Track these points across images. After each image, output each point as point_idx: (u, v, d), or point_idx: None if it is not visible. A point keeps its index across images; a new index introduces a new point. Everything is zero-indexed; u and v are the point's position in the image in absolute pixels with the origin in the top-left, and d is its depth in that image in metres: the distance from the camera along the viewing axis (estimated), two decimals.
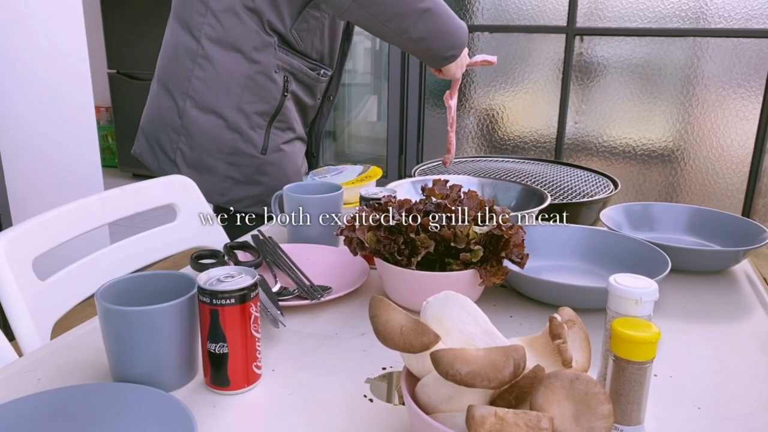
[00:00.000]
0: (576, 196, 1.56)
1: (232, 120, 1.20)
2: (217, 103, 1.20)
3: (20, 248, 0.81)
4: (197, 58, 1.19)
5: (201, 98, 1.20)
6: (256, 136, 1.22)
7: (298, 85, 1.25)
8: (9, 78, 2.17)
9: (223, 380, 0.60)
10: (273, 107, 1.22)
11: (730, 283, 0.90)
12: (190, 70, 1.20)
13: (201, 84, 1.20)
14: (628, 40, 2.92)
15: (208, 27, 1.18)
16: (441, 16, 1.15)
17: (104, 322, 0.59)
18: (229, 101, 1.19)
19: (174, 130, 1.24)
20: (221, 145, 1.21)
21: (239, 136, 1.21)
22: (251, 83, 1.19)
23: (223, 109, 1.20)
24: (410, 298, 0.76)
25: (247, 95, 1.20)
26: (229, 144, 1.21)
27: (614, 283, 0.55)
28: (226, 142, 1.21)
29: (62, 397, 0.55)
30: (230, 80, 1.19)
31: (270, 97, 1.21)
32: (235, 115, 1.20)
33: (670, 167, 2.99)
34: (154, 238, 1.05)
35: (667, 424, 0.57)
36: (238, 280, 0.59)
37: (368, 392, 0.61)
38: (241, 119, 1.20)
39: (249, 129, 1.21)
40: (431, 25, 1.14)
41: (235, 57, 1.18)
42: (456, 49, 1.20)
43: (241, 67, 1.18)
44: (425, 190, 0.84)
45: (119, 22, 3.93)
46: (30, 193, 2.30)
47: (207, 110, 1.20)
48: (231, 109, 1.20)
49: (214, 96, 1.20)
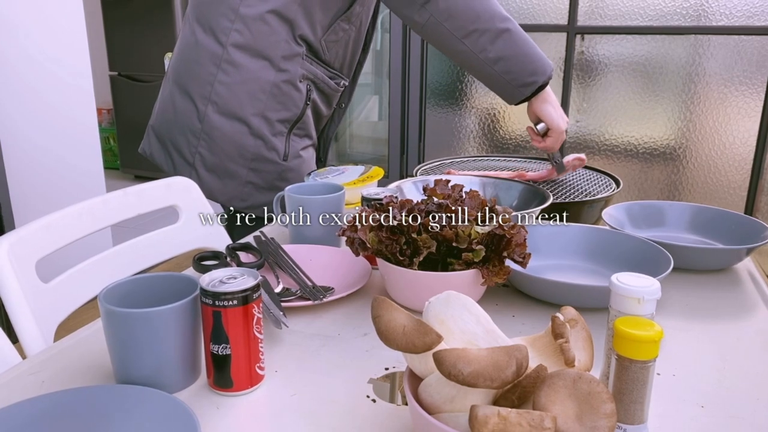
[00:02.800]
0: (578, 195, 1.56)
1: (255, 126, 1.20)
2: (241, 110, 1.19)
3: (23, 251, 0.81)
4: (222, 63, 1.18)
5: (224, 103, 1.20)
6: (278, 143, 1.23)
7: (318, 94, 1.26)
8: (11, 80, 2.17)
9: (226, 381, 0.60)
10: (295, 115, 1.23)
11: (733, 281, 0.90)
12: (213, 75, 1.19)
13: (225, 89, 1.19)
14: (629, 38, 2.91)
15: (236, 33, 1.17)
16: (521, 39, 1.14)
17: (107, 324, 0.59)
18: (254, 108, 1.19)
19: (193, 133, 1.23)
20: (244, 151, 1.21)
21: (263, 143, 1.21)
22: (277, 91, 1.19)
23: (247, 116, 1.20)
24: (412, 299, 0.76)
25: (272, 103, 1.20)
26: (252, 150, 1.21)
27: (616, 281, 0.55)
28: (248, 149, 1.21)
29: (66, 400, 0.55)
30: (256, 87, 1.19)
31: (293, 105, 1.22)
32: (259, 122, 1.20)
33: (672, 165, 2.99)
34: (156, 240, 1.05)
35: (670, 422, 0.57)
36: (240, 281, 0.59)
37: (371, 393, 0.61)
38: (264, 126, 1.21)
39: (272, 136, 1.22)
40: (510, 45, 1.13)
41: (263, 64, 1.18)
42: (538, 76, 1.17)
43: (268, 75, 1.18)
44: (427, 190, 0.84)
45: (120, 24, 3.93)
46: (33, 195, 2.30)
47: (230, 116, 1.20)
48: (255, 116, 1.20)
49: (238, 102, 1.19)
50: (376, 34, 3.55)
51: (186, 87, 1.23)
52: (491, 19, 1.12)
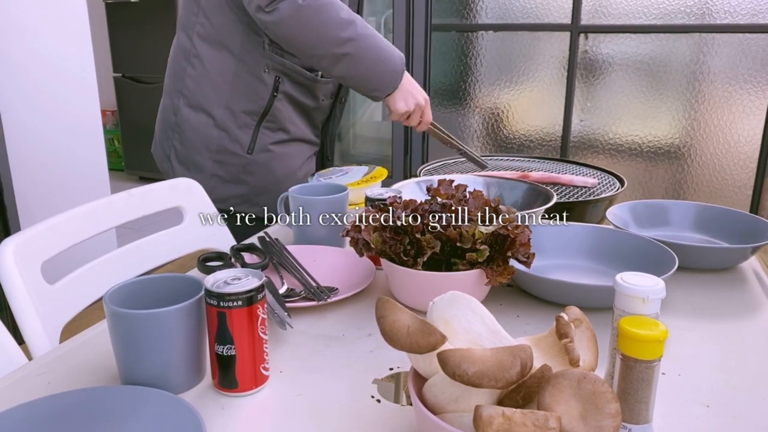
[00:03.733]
0: (582, 195, 1.56)
1: (219, 118, 1.22)
2: (206, 101, 1.21)
3: (29, 252, 0.82)
4: (190, 57, 1.21)
5: (192, 96, 1.22)
6: (243, 135, 1.23)
7: (294, 86, 1.24)
8: (16, 83, 2.18)
9: (231, 382, 0.60)
10: (261, 107, 1.22)
11: (738, 280, 0.90)
12: (183, 69, 1.23)
13: (193, 82, 1.21)
14: (633, 37, 2.91)
15: (200, 26, 1.19)
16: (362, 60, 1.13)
17: (112, 325, 0.59)
18: (218, 99, 1.21)
19: (170, 127, 1.26)
20: (209, 142, 1.23)
21: (226, 135, 1.22)
22: (239, 82, 1.20)
23: (211, 107, 1.21)
24: (416, 299, 0.76)
25: (235, 94, 1.20)
26: (216, 142, 1.23)
27: (621, 281, 0.55)
28: (213, 140, 1.23)
29: (71, 400, 0.55)
30: (219, 78, 1.20)
31: (258, 96, 1.21)
32: (223, 114, 1.21)
33: (677, 164, 2.98)
34: (160, 241, 1.05)
35: (675, 422, 0.57)
36: (244, 282, 0.59)
37: (375, 393, 0.61)
38: (228, 118, 1.21)
39: (236, 128, 1.22)
40: (350, 68, 1.13)
41: (224, 55, 1.19)
42: (379, 92, 1.19)
43: (230, 66, 1.19)
44: (430, 190, 0.84)
45: (124, 25, 3.94)
46: (38, 197, 2.31)
47: (197, 108, 1.22)
48: (219, 108, 1.21)
49: (203, 94, 1.21)
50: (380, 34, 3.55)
51: (167, 85, 1.28)
52: (330, 46, 1.10)
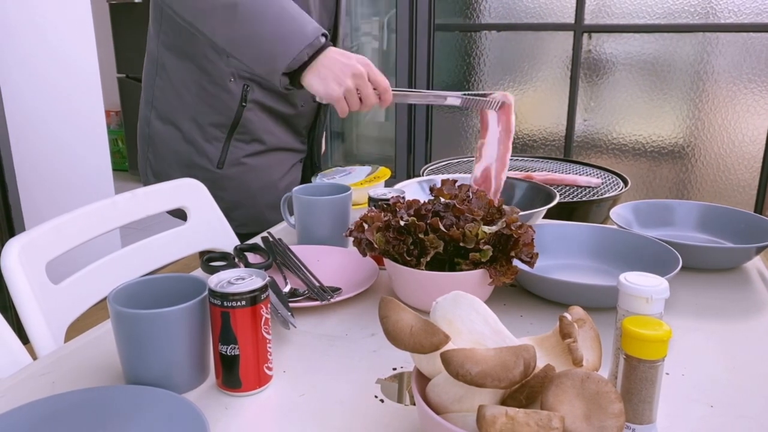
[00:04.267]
0: (586, 194, 1.56)
1: (187, 131, 1.15)
2: (174, 114, 1.15)
3: (34, 252, 0.82)
4: (158, 68, 1.14)
5: (161, 108, 1.16)
6: (211, 149, 1.15)
7: (265, 93, 1.14)
8: (20, 84, 2.19)
9: (234, 382, 0.60)
10: (230, 118, 1.13)
11: (742, 280, 0.90)
12: (153, 79, 1.16)
13: (161, 93, 1.15)
14: (636, 37, 2.90)
15: (164, 34, 1.12)
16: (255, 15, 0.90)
17: (116, 325, 0.59)
18: (184, 112, 1.14)
19: (144, 140, 1.21)
20: (178, 156, 1.17)
21: (194, 149, 1.15)
22: (203, 93, 1.12)
23: (179, 120, 1.15)
24: (420, 299, 0.77)
25: (201, 106, 1.13)
26: (185, 156, 1.16)
27: (625, 281, 0.55)
28: (182, 154, 1.16)
29: (76, 400, 0.56)
30: (183, 90, 1.13)
31: (225, 107, 1.13)
32: (190, 126, 1.14)
33: (681, 164, 2.97)
34: (164, 241, 1.05)
35: (679, 422, 0.57)
36: (248, 282, 0.60)
37: (379, 393, 0.61)
38: (195, 131, 1.14)
39: (204, 141, 1.14)
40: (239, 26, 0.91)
41: (187, 65, 1.11)
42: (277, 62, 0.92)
43: (194, 76, 1.11)
44: (434, 190, 0.84)
45: (128, 26, 3.95)
46: (42, 197, 2.32)
47: (166, 120, 1.16)
48: (186, 120, 1.14)
49: (171, 106, 1.15)
50: (382, 33, 3.56)
51: (142, 96, 1.21)
52: None
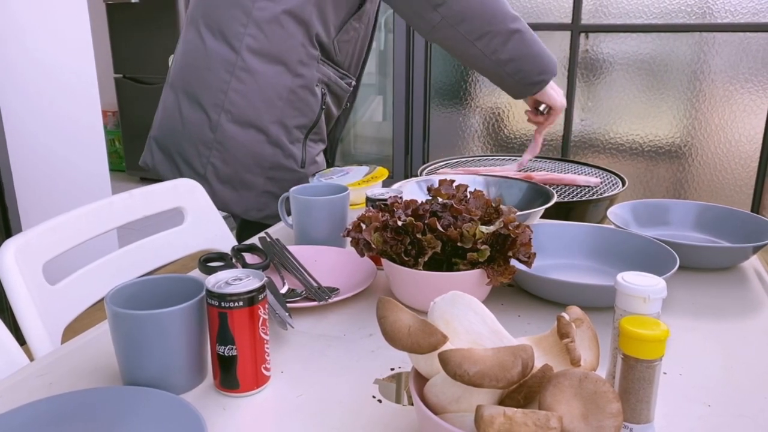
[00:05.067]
0: (583, 194, 1.56)
1: (273, 134, 1.17)
2: (257, 117, 1.16)
3: (30, 253, 0.82)
4: (235, 70, 1.14)
5: (239, 112, 1.16)
6: (296, 150, 1.20)
7: (331, 97, 1.24)
8: (16, 83, 2.18)
9: (232, 382, 0.60)
10: (311, 120, 1.20)
11: (739, 279, 0.90)
12: (226, 82, 1.15)
13: (239, 97, 1.15)
14: (633, 37, 2.91)
15: (250, 38, 1.13)
16: (531, 39, 1.15)
17: (114, 325, 0.59)
18: (271, 115, 1.16)
19: (204, 144, 1.18)
20: (261, 160, 1.18)
21: (280, 151, 1.19)
22: (293, 97, 1.17)
23: (263, 123, 1.16)
24: (418, 299, 0.77)
25: (289, 109, 1.17)
26: (270, 159, 1.18)
27: (622, 281, 0.55)
28: (266, 158, 1.18)
29: (73, 401, 0.56)
30: (273, 94, 1.15)
31: (310, 110, 1.20)
32: (277, 130, 1.17)
33: (678, 163, 2.98)
34: (162, 242, 1.05)
35: (676, 422, 0.57)
36: (246, 282, 0.59)
37: (377, 393, 0.61)
38: (282, 133, 1.18)
39: (289, 143, 1.19)
40: (521, 46, 1.13)
41: (279, 70, 1.15)
42: (546, 75, 1.19)
43: (285, 81, 1.15)
44: (431, 190, 0.84)
45: (125, 26, 3.95)
46: (39, 197, 2.31)
47: (246, 124, 1.16)
48: (272, 124, 1.17)
49: (254, 110, 1.16)
50: (380, 34, 3.56)
51: (195, 96, 1.18)
52: (504, 21, 1.11)
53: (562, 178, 1.62)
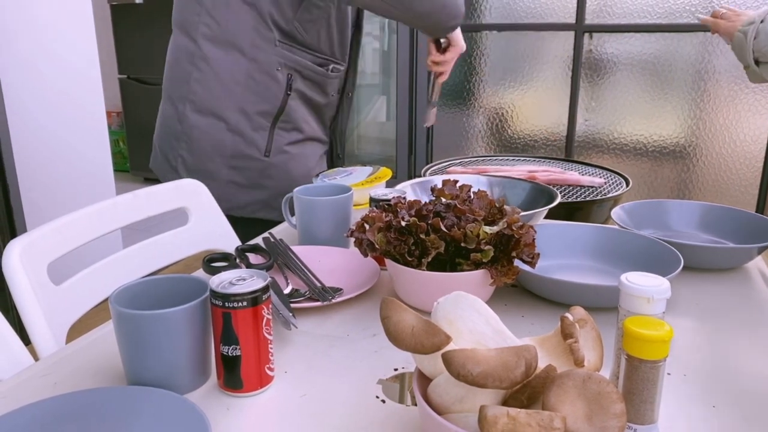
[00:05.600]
0: (587, 195, 1.55)
1: (233, 122, 1.16)
2: (217, 105, 1.16)
3: (35, 253, 0.82)
4: (195, 60, 1.15)
5: (200, 101, 1.16)
6: (258, 138, 1.18)
7: (305, 83, 1.21)
8: (22, 84, 2.19)
9: (236, 382, 0.60)
10: (275, 107, 1.18)
11: (744, 280, 0.90)
12: (189, 73, 1.16)
13: (200, 86, 1.16)
14: (637, 36, 2.90)
15: (204, 26, 1.14)
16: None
17: (118, 325, 0.59)
18: (230, 102, 1.16)
19: (175, 136, 1.20)
20: (222, 148, 1.17)
21: (241, 139, 1.17)
22: (251, 82, 1.15)
23: (223, 111, 1.16)
24: (421, 299, 0.77)
25: (248, 95, 1.16)
26: (231, 147, 1.17)
27: (626, 281, 0.55)
28: (227, 145, 1.17)
29: (78, 401, 0.56)
30: (230, 80, 1.15)
31: (272, 96, 1.17)
32: (237, 117, 1.16)
33: (682, 164, 2.97)
34: (166, 242, 1.05)
35: (681, 423, 0.57)
36: (249, 282, 0.60)
37: (380, 393, 0.61)
38: (242, 120, 1.16)
39: (251, 131, 1.17)
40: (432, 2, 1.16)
41: (234, 55, 1.14)
42: (458, 18, 1.23)
43: (241, 66, 1.14)
44: (435, 190, 0.84)
45: (129, 27, 3.96)
46: (43, 198, 2.32)
47: (207, 113, 1.17)
48: (232, 111, 1.16)
49: (213, 97, 1.16)
50: (383, 34, 3.56)
51: (168, 91, 1.21)
52: None
53: (566, 179, 1.62)
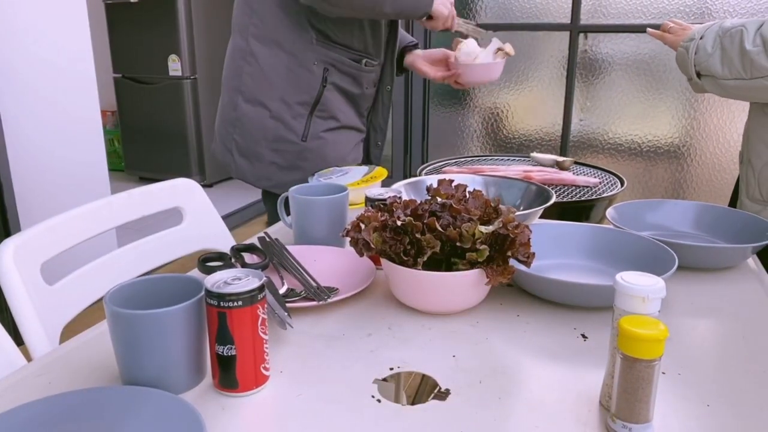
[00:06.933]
0: (582, 194, 1.56)
1: (275, 110, 1.33)
2: (262, 95, 1.33)
3: (28, 253, 0.82)
4: (246, 56, 1.33)
5: (249, 91, 1.33)
6: (297, 125, 1.34)
7: (341, 76, 1.35)
8: (16, 83, 2.18)
9: (231, 382, 0.60)
10: (312, 97, 1.33)
11: (738, 279, 0.90)
12: (240, 68, 1.34)
13: (249, 79, 1.33)
14: (632, 37, 2.91)
15: (253, 26, 1.31)
16: None
17: (113, 325, 0.59)
18: (273, 92, 1.32)
19: (230, 123, 1.37)
20: (266, 133, 1.34)
21: (282, 125, 1.33)
22: (291, 75, 1.31)
23: (267, 100, 1.32)
24: (417, 299, 0.77)
25: (288, 87, 1.32)
26: (273, 132, 1.33)
27: (621, 281, 0.55)
28: (270, 130, 1.33)
29: (72, 401, 0.55)
30: (273, 73, 1.32)
31: (309, 87, 1.32)
32: (278, 106, 1.32)
33: (677, 163, 2.98)
34: (161, 242, 1.05)
35: (675, 421, 0.57)
36: (245, 282, 0.59)
37: (376, 393, 0.61)
38: (283, 109, 1.33)
39: (291, 118, 1.33)
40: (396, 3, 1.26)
41: (276, 51, 1.31)
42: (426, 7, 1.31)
43: (282, 60, 1.31)
44: (430, 190, 0.84)
45: (124, 26, 3.94)
46: (38, 197, 2.31)
47: (254, 102, 1.33)
48: (274, 100, 1.32)
49: (259, 88, 1.33)
50: None
51: (226, 84, 1.39)
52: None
53: (562, 179, 1.62)
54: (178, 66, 3.76)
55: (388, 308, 0.79)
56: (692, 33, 1.15)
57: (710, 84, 1.13)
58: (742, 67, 1.05)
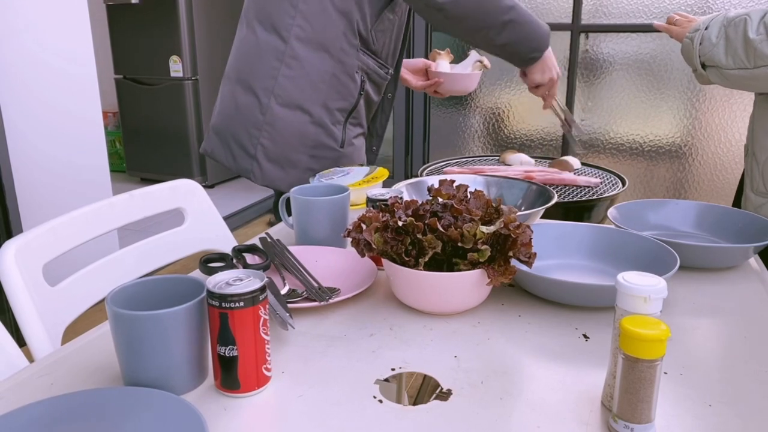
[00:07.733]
0: (584, 194, 1.56)
1: (317, 115, 1.30)
2: (303, 100, 1.29)
3: (30, 254, 0.82)
4: (284, 58, 1.28)
5: (287, 95, 1.29)
6: (336, 131, 1.33)
7: (370, 84, 1.36)
8: (17, 84, 2.19)
9: (233, 383, 0.60)
10: (351, 104, 1.33)
11: (740, 279, 0.90)
12: (276, 69, 1.28)
13: (288, 82, 1.28)
14: (633, 36, 2.91)
15: (298, 28, 1.26)
16: (522, 24, 1.27)
17: (115, 326, 0.59)
18: (316, 98, 1.29)
19: (255, 126, 1.31)
20: (305, 138, 1.31)
21: (323, 131, 1.31)
22: (335, 81, 1.30)
23: (309, 105, 1.29)
24: (418, 299, 0.76)
25: (331, 93, 1.30)
26: (313, 138, 1.31)
27: (623, 281, 0.55)
28: (310, 136, 1.31)
29: (74, 402, 0.56)
30: (317, 78, 1.29)
31: (349, 95, 1.32)
32: (320, 111, 1.30)
33: (678, 163, 2.98)
34: (162, 243, 1.05)
35: (677, 421, 0.57)
36: (246, 283, 0.59)
37: (378, 393, 0.61)
38: (325, 115, 1.31)
39: (331, 124, 1.32)
40: (513, 33, 1.26)
41: (324, 57, 1.28)
42: (537, 52, 1.32)
43: (328, 67, 1.28)
44: (432, 190, 0.84)
45: (125, 27, 3.95)
46: (39, 198, 2.31)
47: (293, 106, 1.29)
48: (317, 106, 1.30)
49: (301, 93, 1.29)
50: None
51: (248, 83, 1.31)
52: (497, 15, 1.23)
53: (563, 179, 1.62)
54: (179, 67, 3.76)
55: (389, 309, 0.79)
56: (697, 24, 1.15)
57: (715, 75, 1.12)
58: (745, 56, 1.04)
